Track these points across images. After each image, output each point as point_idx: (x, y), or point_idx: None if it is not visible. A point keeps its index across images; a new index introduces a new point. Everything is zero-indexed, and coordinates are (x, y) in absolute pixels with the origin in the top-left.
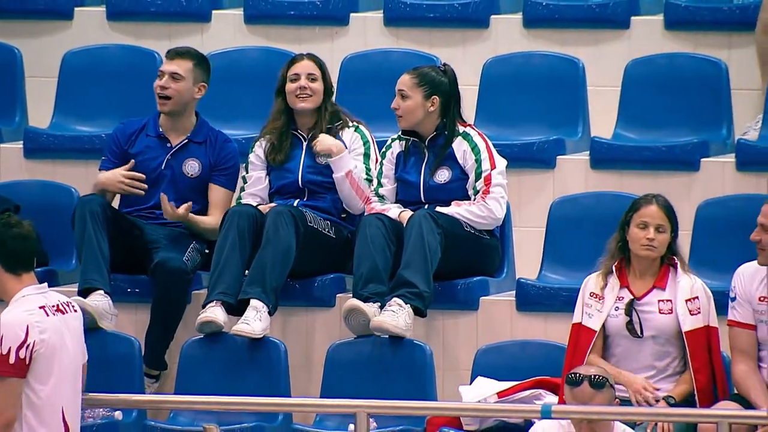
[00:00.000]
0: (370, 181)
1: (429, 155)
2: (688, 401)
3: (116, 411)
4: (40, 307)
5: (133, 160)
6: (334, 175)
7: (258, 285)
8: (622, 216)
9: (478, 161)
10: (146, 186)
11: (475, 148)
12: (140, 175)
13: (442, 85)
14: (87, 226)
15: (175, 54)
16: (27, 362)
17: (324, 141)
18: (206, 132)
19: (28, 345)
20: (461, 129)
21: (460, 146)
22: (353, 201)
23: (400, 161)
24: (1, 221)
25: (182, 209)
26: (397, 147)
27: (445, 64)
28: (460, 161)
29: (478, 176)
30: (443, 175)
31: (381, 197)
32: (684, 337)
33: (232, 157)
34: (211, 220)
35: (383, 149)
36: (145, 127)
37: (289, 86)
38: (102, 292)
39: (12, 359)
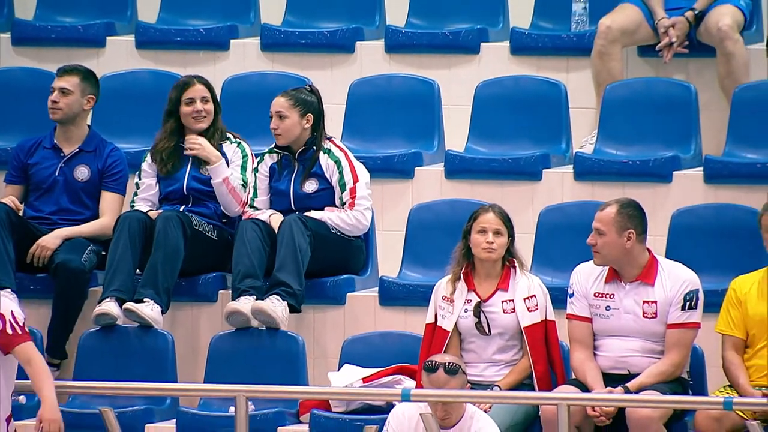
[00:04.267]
0: (245, 186)
1: (298, 167)
2: (525, 385)
3: (20, 395)
4: None
5: (21, 206)
6: (212, 181)
7: (151, 287)
8: (464, 226)
9: (341, 174)
10: (21, 206)
11: (337, 162)
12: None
13: (313, 104)
14: None
15: (63, 71)
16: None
17: (205, 148)
18: (96, 142)
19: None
20: (325, 145)
21: (324, 161)
22: (230, 205)
23: (274, 173)
24: None
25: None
26: (269, 160)
27: (310, 85)
28: (326, 174)
29: (342, 188)
30: (311, 186)
31: (255, 208)
32: (524, 332)
33: (119, 163)
34: (100, 223)
35: (255, 164)
36: (42, 141)
37: (186, 109)
38: (9, 290)
39: (20, 330)
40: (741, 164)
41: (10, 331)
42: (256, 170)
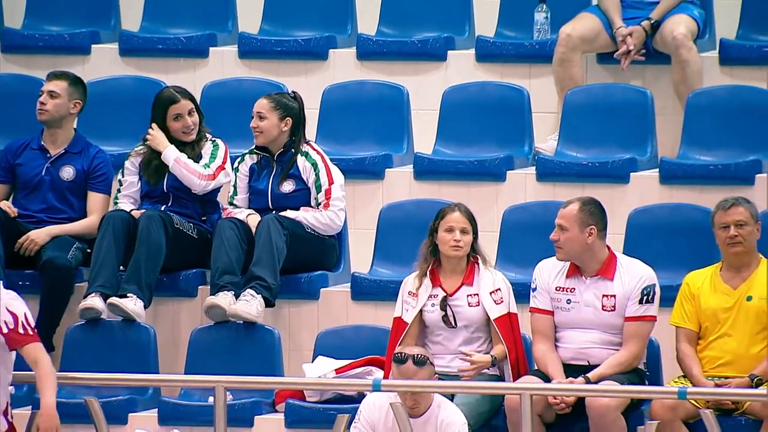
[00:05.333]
0: (207, 166)
1: (277, 168)
2: (490, 376)
3: (10, 386)
4: None
5: (16, 210)
6: (170, 168)
7: (134, 283)
8: (430, 224)
9: (317, 176)
10: (16, 211)
11: (314, 165)
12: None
13: (293, 109)
14: None
15: (53, 76)
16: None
17: (155, 138)
18: (82, 144)
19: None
20: (303, 148)
21: (302, 163)
22: (191, 181)
23: (253, 173)
24: None
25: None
26: (249, 160)
27: (294, 92)
28: (303, 176)
29: (318, 189)
30: (288, 186)
31: (235, 206)
32: (494, 323)
33: (103, 165)
34: (87, 222)
35: (236, 164)
36: (29, 143)
37: (175, 125)
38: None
39: (31, 331)
40: (695, 166)
41: (21, 331)
42: (236, 170)
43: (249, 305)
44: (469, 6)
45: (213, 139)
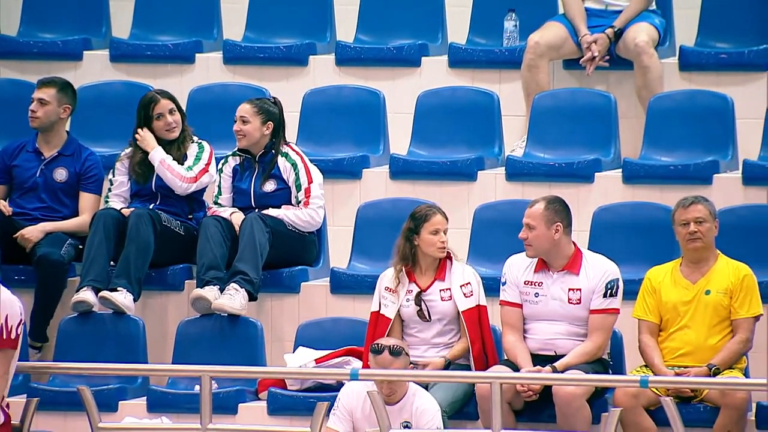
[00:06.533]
0: (190, 168)
1: (259, 169)
2: (461, 365)
3: None
4: None
5: (11, 208)
6: (155, 168)
7: (124, 277)
8: (408, 226)
9: (297, 176)
10: (11, 210)
11: (294, 165)
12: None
13: (274, 114)
14: None
15: (41, 84)
16: (20, 337)
17: (144, 139)
18: (74, 147)
19: (22, 322)
20: (283, 149)
21: (282, 164)
22: (174, 182)
23: (236, 173)
24: None
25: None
26: (232, 162)
27: (274, 97)
28: (284, 176)
29: (298, 188)
30: (270, 186)
31: (219, 205)
32: (462, 315)
33: (94, 167)
34: (79, 220)
35: (220, 165)
36: (25, 145)
37: (157, 124)
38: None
39: (13, 335)
40: (656, 166)
41: (9, 328)
42: (220, 171)
43: (233, 299)
44: (442, 14)
45: (199, 141)
